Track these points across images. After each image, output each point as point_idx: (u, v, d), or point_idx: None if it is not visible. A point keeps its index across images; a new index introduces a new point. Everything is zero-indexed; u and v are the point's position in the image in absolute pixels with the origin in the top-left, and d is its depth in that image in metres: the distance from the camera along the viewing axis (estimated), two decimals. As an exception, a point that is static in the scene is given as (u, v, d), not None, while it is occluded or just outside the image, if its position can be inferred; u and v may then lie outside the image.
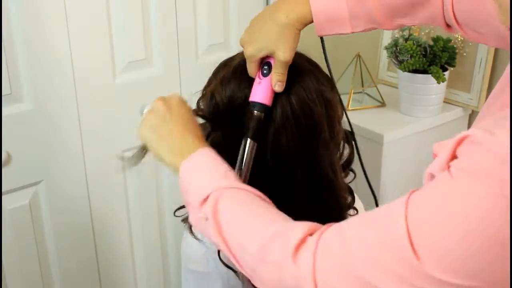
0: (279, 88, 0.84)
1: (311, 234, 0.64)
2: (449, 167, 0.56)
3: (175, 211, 0.94)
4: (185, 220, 0.96)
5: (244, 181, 0.83)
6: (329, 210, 0.90)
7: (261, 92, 0.84)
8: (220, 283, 0.94)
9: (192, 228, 0.94)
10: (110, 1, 1.51)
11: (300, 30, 0.84)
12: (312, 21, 0.84)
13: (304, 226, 0.65)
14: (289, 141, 0.85)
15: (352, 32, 0.86)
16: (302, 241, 0.63)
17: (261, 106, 0.84)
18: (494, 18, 0.71)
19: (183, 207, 0.97)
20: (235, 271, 0.91)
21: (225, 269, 0.90)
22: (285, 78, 0.84)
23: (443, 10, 0.83)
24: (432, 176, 0.60)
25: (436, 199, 0.56)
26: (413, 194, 0.58)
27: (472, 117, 1.94)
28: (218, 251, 0.91)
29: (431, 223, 0.55)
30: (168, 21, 1.63)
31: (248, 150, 0.84)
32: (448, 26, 0.86)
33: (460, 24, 0.82)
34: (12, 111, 1.43)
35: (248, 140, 0.83)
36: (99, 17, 1.50)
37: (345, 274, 0.59)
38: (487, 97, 1.97)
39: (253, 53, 0.84)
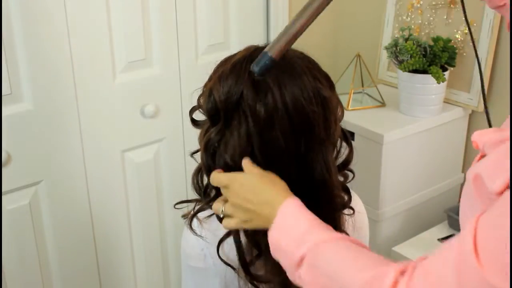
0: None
1: (402, 273, 0.65)
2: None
3: (175, 204, 0.94)
4: (185, 215, 0.96)
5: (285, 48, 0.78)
6: (324, 208, 0.90)
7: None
8: (218, 279, 0.94)
9: (192, 224, 0.94)
10: (110, 1, 1.51)
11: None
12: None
13: (396, 267, 0.66)
14: (280, 138, 0.85)
15: None
16: (395, 283, 0.64)
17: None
18: None
19: (183, 201, 0.97)
20: (233, 267, 0.91)
21: (223, 265, 0.91)
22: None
23: None
24: (478, 177, 0.60)
25: (501, 219, 0.55)
26: (481, 216, 0.58)
27: (472, 117, 1.93)
28: (217, 247, 0.91)
29: (498, 243, 0.55)
30: (168, 21, 1.63)
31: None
32: None
33: None
34: (12, 111, 1.43)
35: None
36: (99, 17, 1.51)
37: None
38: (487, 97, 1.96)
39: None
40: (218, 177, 0.87)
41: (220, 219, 0.88)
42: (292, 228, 0.76)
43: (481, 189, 0.60)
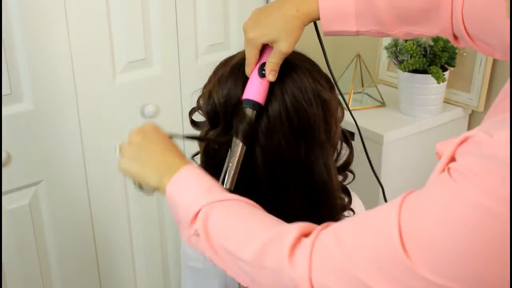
0: (272, 77, 0.83)
1: (305, 235, 0.64)
2: (448, 168, 0.56)
3: None
4: None
5: (233, 180, 0.83)
6: (324, 211, 0.90)
7: (255, 89, 0.84)
8: (218, 280, 0.94)
9: None
10: (110, 1, 1.51)
11: (305, 25, 0.84)
12: (319, 17, 0.84)
13: (297, 227, 0.65)
14: (281, 141, 0.85)
15: (357, 32, 0.86)
16: (296, 242, 0.63)
17: (255, 104, 0.83)
18: (505, 28, 0.71)
19: None
20: None
21: None
22: (278, 68, 0.84)
23: (451, 19, 0.82)
24: None
25: (428, 201, 0.56)
26: (408, 195, 0.59)
27: (472, 117, 1.93)
28: None
29: (422, 224, 0.55)
30: (168, 21, 1.63)
31: (237, 149, 0.84)
32: (456, 37, 0.85)
33: (470, 34, 0.81)
34: (12, 111, 1.43)
35: (238, 140, 0.83)
36: (99, 17, 1.50)
37: (341, 274, 0.59)
38: (487, 97, 1.98)
39: (255, 37, 0.83)
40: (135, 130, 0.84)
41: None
42: (192, 185, 0.74)
43: None
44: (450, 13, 0.81)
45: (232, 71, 0.88)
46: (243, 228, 0.69)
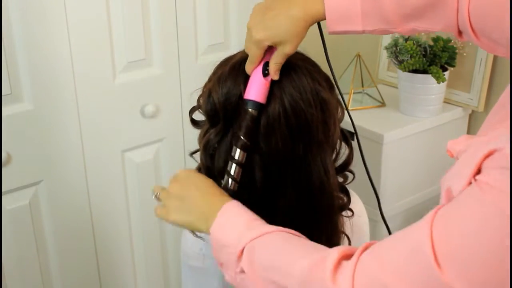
0: (277, 77, 0.84)
1: (346, 258, 0.66)
2: (476, 181, 0.56)
3: None
4: None
5: (236, 178, 0.85)
6: (322, 211, 0.90)
7: (259, 90, 0.84)
8: (217, 279, 0.94)
9: None
10: (110, 1, 1.51)
11: (310, 26, 0.85)
12: (324, 18, 0.84)
13: (337, 251, 0.67)
14: (278, 142, 0.85)
15: (363, 31, 0.86)
16: (337, 265, 0.65)
17: (256, 104, 0.84)
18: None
19: None
20: None
21: None
22: (280, 67, 0.85)
23: (457, 15, 0.82)
24: (449, 190, 0.61)
25: (459, 215, 0.56)
26: (440, 210, 0.59)
27: (472, 117, 1.93)
28: None
29: (454, 238, 0.55)
30: (168, 21, 1.63)
31: (240, 148, 0.84)
32: (460, 33, 0.85)
33: (475, 30, 0.81)
34: (12, 111, 1.43)
35: (241, 139, 0.84)
36: (99, 17, 1.51)
37: None
38: (487, 97, 1.97)
39: (262, 39, 0.83)
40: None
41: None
42: (233, 225, 0.76)
43: (450, 199, 0.61)
44: (456, 9, 0.81)
45: (232, 70, 0.88)
46: (286, 258, 0.70)
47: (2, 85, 1.39)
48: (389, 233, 0.98)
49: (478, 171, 0.56)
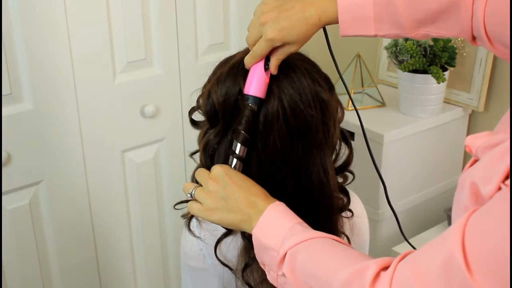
0: (276, 71, 0.85)
1: (385, 269, 0.66)
2: (505, 186, 0.55)
3: (175, 205, 0.95)
4: (184, 215, 0.96)
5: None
6: (321, 211, 0.90)
7: (260, 85, 0.84)
8: (217, 279, 0.94)
9: (190, 224, 0.94)
10: (110, 1, 1.51)
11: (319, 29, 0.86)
12: (337, 22, 0.84)
13: (377, 262, 0.67)
14: (276, 142, 0.85)
15: (375, 35, 0.85)
16: (376, 276, 0.65)
17: (256, 99, 0.84)
18: None
19: (183, 202, 0.97)
20: (230, 268, 0.91)
21: (222, 265, 0.91)
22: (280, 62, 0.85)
23: (472, 21, 0.81)
24: (473, 185, 0.60)
25: (490, 220, 0.56)
26: (471, 215, 0.58)
27: (472, 117, 1.93)
28: (215, 248, 0.91)
29: (485, 244, 0.55)
30: (168, 21, 1.63)
31: (241, 143, 0.84)
32: (474, 38, 0.84)
33: (490, 36, 0.80)
34: (12, 111, 1.43)
35: (242, 133, 0.84)
36: (99, 17, 1.51)
37: None
38: (487, 97, 1.97)
39: (275, 38, 0.83)
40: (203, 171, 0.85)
41: (186, 201, 0.87)
42: (276, 228, 0.76)
43: (477, 196, 0.60)
44: (471, 14, 0.80)
45: (231, 71, 0.88)
46: (327, 267, 0.70)
47: (2, 85, 1.39)
48: (398, 225, 0.99)
49: (507, 176, 0.56)
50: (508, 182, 0.55)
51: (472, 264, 0.55)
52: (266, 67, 0.84)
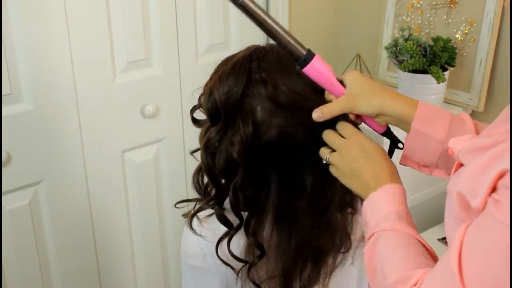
0: (317, 117, 0.86)
1: (416, 284, 0.68)
2: (493, 201, 0.56)
3: (175, 204, 0.94)
4: (185, 215, 0.96)
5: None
6: (325, 207, 0.90)
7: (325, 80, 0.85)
8: (218, 278, 0.94)
9: (191, 223, 0.94)
10: (110, 1, 1.51)
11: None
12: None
13: (422, 272, 0.68)
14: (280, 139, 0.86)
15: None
16: (413, 286, 0.67)
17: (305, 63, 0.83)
18: None
19: (184, 201, 0.97)
20: (232, 267, 0.91)
21: (223, 264, 0.91)
22: (326, 118, 0.87)
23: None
24: (460, 195, 0.61)
25: (478, 234, 0.57)
26: (467, 229, 0.59)
27: (472, 117, 1.93)
28: (216, 247, 0.91)
29: (474, 261, 0.56)
30: (168, 21, 1.63)
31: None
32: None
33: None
34: (12, 111, 1.43)
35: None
36: (99, 17, 1.51)
37: None
38: (487, 97, 1.97)
39: (363, 111, 0.88)
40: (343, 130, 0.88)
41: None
42: (379, 209, 0.80)
43: (466, 206, 0.61)
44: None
45: (233, 69, 0.88)
46: (391, 263, 0.73)
47: (2, 85, 1.39)
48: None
49: (493, 189, 0.56)
50: (496, 196, 0.56)
51: (466, 282, 0.56)
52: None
